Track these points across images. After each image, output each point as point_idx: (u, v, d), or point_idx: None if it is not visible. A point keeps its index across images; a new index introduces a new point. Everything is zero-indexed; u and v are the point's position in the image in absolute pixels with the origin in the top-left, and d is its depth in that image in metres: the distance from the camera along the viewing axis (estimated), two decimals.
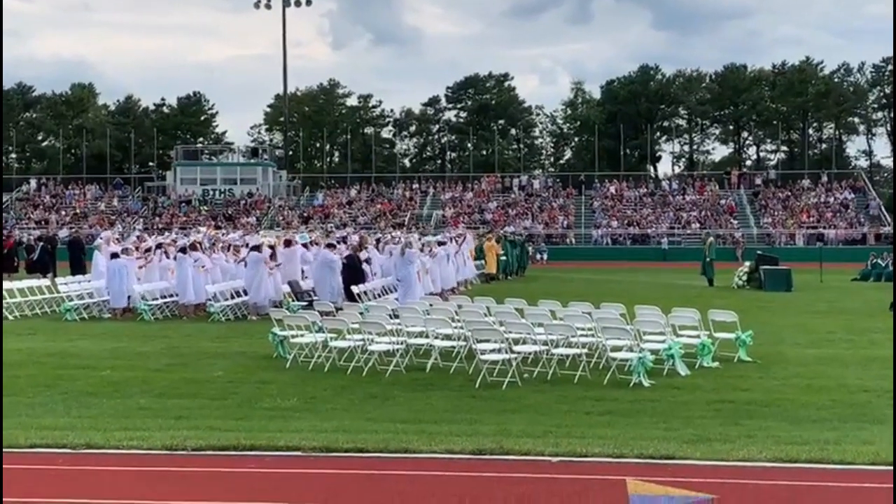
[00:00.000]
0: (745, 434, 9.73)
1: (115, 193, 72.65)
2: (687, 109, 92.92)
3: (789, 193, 66.46)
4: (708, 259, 33.03)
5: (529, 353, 13.72)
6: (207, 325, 20.80)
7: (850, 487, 8.01)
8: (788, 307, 24.41)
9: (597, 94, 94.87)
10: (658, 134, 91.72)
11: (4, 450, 9.16)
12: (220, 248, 25.32)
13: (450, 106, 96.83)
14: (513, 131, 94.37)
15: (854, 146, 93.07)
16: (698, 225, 60.50)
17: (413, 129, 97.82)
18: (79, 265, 33.12)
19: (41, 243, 35.95)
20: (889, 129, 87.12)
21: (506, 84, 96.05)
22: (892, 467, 8.14)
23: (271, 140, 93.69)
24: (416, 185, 72.52)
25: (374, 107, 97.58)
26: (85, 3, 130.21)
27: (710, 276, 32.59)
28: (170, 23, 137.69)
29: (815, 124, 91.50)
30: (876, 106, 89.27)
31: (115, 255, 23.18)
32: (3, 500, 7.60)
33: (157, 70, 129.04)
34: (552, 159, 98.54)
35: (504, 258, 37.26)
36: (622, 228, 62.56)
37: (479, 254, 35.76)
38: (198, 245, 24.03)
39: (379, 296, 23.42)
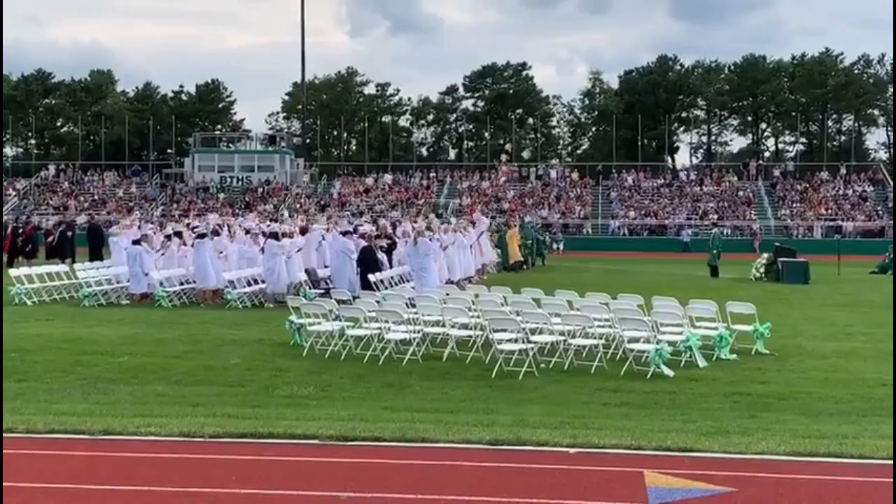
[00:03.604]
0: (764, 427, 9.69)
1: (134, 180, 72.92)
2: (705, 100, 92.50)
3: (807, 185, 66.10)
4: (714, 251, 33.29)
5: (546, 344, 13.72)
6: (225, 312, 20.85)
7: (869, 482, 7.96)
8: (806, 300, 24.29)
9: (615, 84, 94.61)
10: (676, 124, 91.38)
11: (23, 436, 9.23)
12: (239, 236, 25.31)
13: (467, 95, 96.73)
14: (530, 121, 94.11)
15: (874, 138, 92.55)
16: (716, 216, 60.23)
17: (430, 117, 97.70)
18: (97, 251, 33.34)
19: (60, 228, 36.10)
20: None
21: (523, 73, 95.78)
22: None
23: (289, 128, 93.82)
24: (432, 174, 72.48)
25: (391, 95, 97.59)
26: None
27: (712, 263, 32.89)
28: (188, 10, 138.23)
29: (834, 116, 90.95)
30: None
31: (136, 242, 23.37)
32: (22, 485, 7.64)
33: (176, 57, 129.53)
34: (569, 149, 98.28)
35: (528, 244, 37.74)
36: (639, 219, 62.38)
37: (501, 242, 35.86)
38: (219, 230, 24.12)
39: (395, 284, 23.41)
